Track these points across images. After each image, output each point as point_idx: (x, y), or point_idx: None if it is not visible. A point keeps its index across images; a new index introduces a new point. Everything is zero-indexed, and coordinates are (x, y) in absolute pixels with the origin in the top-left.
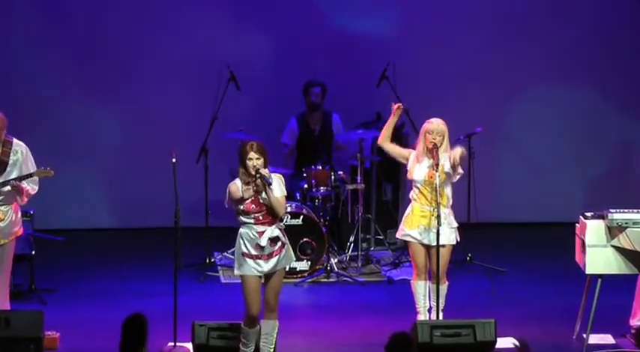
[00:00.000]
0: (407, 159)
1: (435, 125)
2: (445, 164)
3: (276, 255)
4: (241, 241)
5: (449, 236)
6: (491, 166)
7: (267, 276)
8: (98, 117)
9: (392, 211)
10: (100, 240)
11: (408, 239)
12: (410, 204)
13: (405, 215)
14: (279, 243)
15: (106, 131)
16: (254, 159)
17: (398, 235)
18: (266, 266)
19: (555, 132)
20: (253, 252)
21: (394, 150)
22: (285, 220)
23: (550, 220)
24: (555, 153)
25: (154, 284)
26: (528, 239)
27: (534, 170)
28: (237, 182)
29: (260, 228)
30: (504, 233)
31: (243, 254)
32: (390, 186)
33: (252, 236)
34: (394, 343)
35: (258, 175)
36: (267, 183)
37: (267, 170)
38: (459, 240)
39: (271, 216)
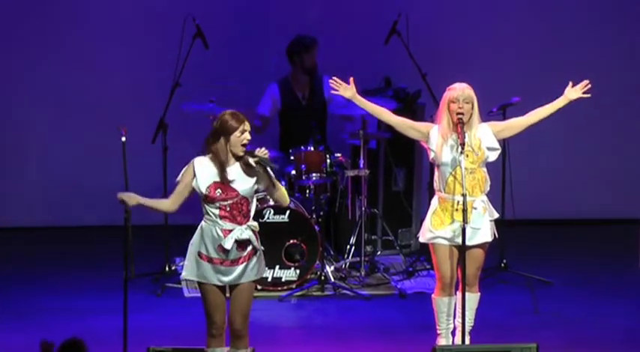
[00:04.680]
0: (425, 137)
1: (460, 91)
2: (483, 138)
3: (242, 262)
4: (200, 238)
5: (489, 231)
6: (531, 148)
7: (231, 290)
8: (26, 83)
9: (404, 204)
10: (28, 242)
11: (438, 241)
12: (435, 197)
13: (431, 211)
14: (249, 248)
15: (34, 102)
16: (247, 132)
17: (423, 239)
18: (227, 275)
19: (612, 104)
20: (213, 255)
21: (404, 123)
22: (266, 216)
23: (607, 216)
24: (613, 131)
25: (98, 299)
26: (580, 241)
27: (586, 153)
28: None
29: (227, 225)
30: (549, 233)
31: (200, 254)
32: (402, 173)
33: (214, 234)
34: None
35: (255, 160)
36: (271, 167)
37: (264, 150)
38: (497, 235)
39: (244, 207)
